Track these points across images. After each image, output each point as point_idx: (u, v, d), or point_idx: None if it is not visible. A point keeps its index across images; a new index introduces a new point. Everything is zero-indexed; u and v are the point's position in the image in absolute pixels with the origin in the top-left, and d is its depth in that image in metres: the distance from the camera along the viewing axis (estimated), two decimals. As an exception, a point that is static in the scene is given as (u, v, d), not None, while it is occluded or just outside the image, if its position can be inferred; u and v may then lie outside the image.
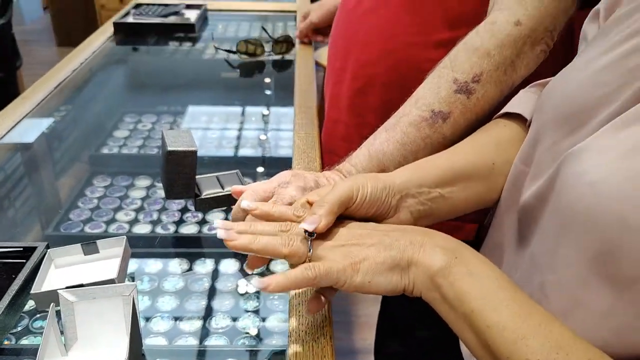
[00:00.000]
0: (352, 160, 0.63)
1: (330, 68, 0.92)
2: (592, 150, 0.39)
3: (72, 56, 1.24)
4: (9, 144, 0.93)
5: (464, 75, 0.62)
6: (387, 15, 0.78)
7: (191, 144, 0.63)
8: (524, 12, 0.62)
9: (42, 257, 0.55)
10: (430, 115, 0.63)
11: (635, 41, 0.42)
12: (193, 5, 1.50)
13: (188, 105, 1.12)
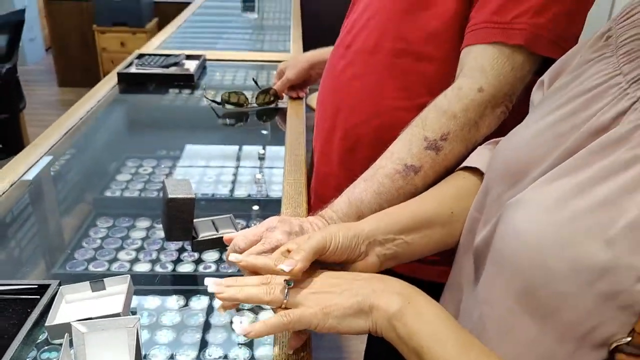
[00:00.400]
0: (334, 207, 0.70)
1: (319, 128, 1.01)
2: (523, 203, 0.47)
3: (80, 104, 1.32)
4: (20, 186, 1.00)
5: (433, 134, 0.71)
6: (372, 81, 0.87)
7: (189, 192, 0.70)
8: (485, 80, 0.71)
9: (55, 293, 0.62)
10: (403, 169, 0.71)
11: (564, 110, 0.50)
12: (193, 56, 1.60)
13: (185, 149, 1.20)
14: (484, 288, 0.51)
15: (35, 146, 1.11)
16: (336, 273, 0.55)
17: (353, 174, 0.92)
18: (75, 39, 4.54)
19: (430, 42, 0.81)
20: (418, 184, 0.72)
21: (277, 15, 2.75)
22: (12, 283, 0.64)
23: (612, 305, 0.40)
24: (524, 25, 0.70)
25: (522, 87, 0.74)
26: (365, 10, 0.90)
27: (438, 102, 0.73)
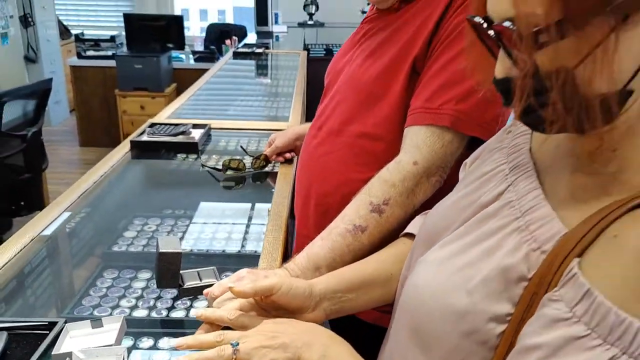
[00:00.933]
0: (296, 260, 0.84)
1: (298, 196, 1.17)
2: (423, 262, 0.60)
3: (96, 168, 1.49)
4: (39, 241, 1.15)
5: (377, 199, 0.86)
6: (338, 157, 1.04)
7: (177, 248, 0.85)
8: (420, 155, 0.86)
9: (61, 329, 0.75)
10: (353, 228, 0.85)
11: (468, 189, 0.64)
12: (199, 125, 1.78)
13: (186, 209, 1.35)
14: (393, 330, 0.64)
15: (54, 205, 1.27)
16: (279, 321, 0.67)
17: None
18: (98, 102, 4.83)
19: (382, 126, 0.97)
20: (365, 241, 0.86)
21: (287, 82, 2.95)
22: (27, 320, 0.78)
23: (472, 341, 0.53)
24: (450, 111, 0.86)
25: (454, 160, 0.89)
26: (333, 99, 1.07)
27: (381, 174, 0.89)
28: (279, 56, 3.79)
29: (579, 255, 0.46)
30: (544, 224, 0.52)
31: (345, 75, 1.07)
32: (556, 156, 0.58)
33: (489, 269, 0.53)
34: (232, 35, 4.94)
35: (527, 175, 0.58)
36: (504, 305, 0.52)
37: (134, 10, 5.97)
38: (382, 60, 0.98)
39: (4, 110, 2.49)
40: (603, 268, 0.44)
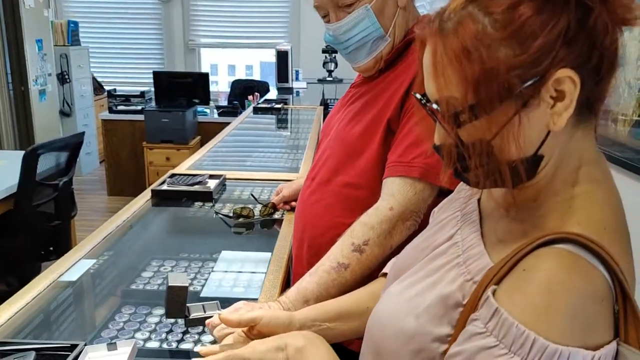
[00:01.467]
0: (287, 294, 0.96)
1: (294, 238, 1.31)
2: (386, 294, 0.72)
3: (118, 215, 1.63)
4: (65, 279, 1.28)
5: (358, 240, 0.98)
6: (327, 204, 1.18)
7: (184, 282, 0.96)
8: (395, 202, 0.99)
9: (80, 351, 0.87)
10: (337, 265, 0.97)
11: (429, 232, 0.76)
12: (215, 175, 1.93)
13: (200, 252, 1.47)
14: (362, 351, 0.75)
15: (80, 247, 1.41)
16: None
17: None
18: (127, 153, 5.07)
19: (363, 177, 1.11)
20: (348, 277, 0.98)
21: (303, 136, 3.11)
22: (51, 342, 0.90)
23: (420, 358, 0.63)
24: (420, 164, 0.99)
25: (426, 207, 1.01)
26: (324, 154, 1.22)
27: (362, 218, 1.01)
28: (297, 111, 3.98)
29: (496, 284, 0.57)
30: (477, 260, 0.63)
31: (335, 132, 1.22)
32: (493, 206, 0.70)
33: (432, 298, 0.65)
34: (255, 91, 5.19)
35: (472, 220, 0.70)
36: (445, 327, 0.63)
37: (164, 68, 6.32)
38: (363, 121, 1.14)
39: (39, 161, 2.69)
40: (513, 294, 0.56)
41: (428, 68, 0.61)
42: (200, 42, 6.45)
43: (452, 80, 0.57)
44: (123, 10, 6.37)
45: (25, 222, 2.74)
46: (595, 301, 0.53)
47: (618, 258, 0.55)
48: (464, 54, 0.56)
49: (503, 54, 0.55)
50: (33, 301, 1.17)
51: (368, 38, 1.13)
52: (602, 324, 0.54)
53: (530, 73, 0.55)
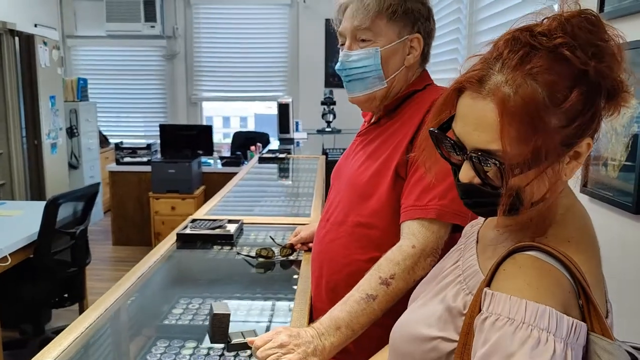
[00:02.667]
0: (321, 320, 1.10)
1: (313, 276, 1.44)
2: (407, 310, 0.87)
3: (148, 256, 1.77)
4: (103, 317, 1.40)
5: (384, 274, 1.12)
6: (342, 243, 1.33)
7: (227, 310, 1.10)
8: (416, 241, 1.14)
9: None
10: (366, 297, 1.11)
11: (441, 264, 0.92)
12: (233, 220, 2.08)
13: (225, 290, 1.59)
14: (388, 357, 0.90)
15: (118, 286, 1.54)
16: None
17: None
18: (132, 203, 5.21)
19: (374, 217, 1.26)
20: (375, 307, 1.11)
21: (307, 184, 3.27)
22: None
23: (431, 356, 0.78)
24: (435, 206, 1.14)
25: (443, 243, 1.16)
26: (336, 197, 1.39)
27: (388, 254, 1.16)
28: (300, 160, 4.16)
29: (487, 285, 0.73)
30: (473, 277, 0.81)
31: (346, 177, 1.38)
32: (489, 230, 0.87)
33: (440, 310, 0.81)
34: (256, 142, 5.39)
35: (471, 247, 0.88)
36: (451, 332, 0.79)
37: (168, 121, 6.54)
38: (372, 167, 1.30)
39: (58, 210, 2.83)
40: (500, 285, 0.72)
41: (482, 120, 0.71)
42: (202, 95, 6.71)
43: (515, 137, 0.68)
44: (129, 66, 6.66)
45: (44, 269, 2.85)
46: (563, 290, 0.69)
47: (581, 265, 0.71)
48: (531, 117, 0.68)
49: (554, 124, 0.69)
50: (75, 341, 1.28)
51: (368, 75, 1.30)
52: (574, 308, 0.69)
53: (569, 141, 0.71)
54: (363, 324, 1.11)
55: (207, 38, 6.60)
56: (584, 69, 0.69)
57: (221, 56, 6.62)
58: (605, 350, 0.68)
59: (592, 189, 1.50)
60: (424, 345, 0.80)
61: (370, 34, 1.27)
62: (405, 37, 1.29)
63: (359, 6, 1.26)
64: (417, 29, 1.30)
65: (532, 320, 0.65)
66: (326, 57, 6.38)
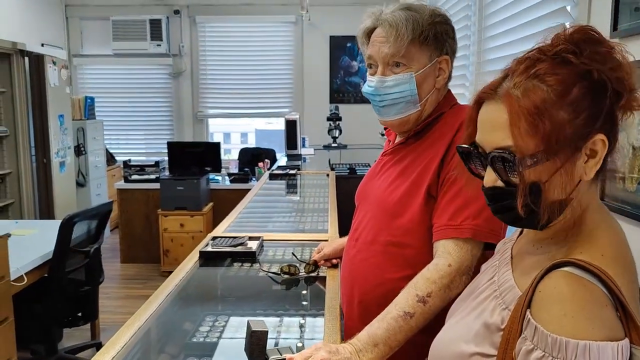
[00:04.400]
0: (358, 337, 1.10)
1: (343, 295, 1.45)
2: (444, 327, 0.88)
3: (174, 275, 1.77)
4: (139, 333, 1.40)
5: (421, 292, 1.13)
6: (373, 263, 1.34)
7: (264, 327, 1.10)
8: (452, 259, 1.15)
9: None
10: (403, 314, 1.11)
11: (474, 282, 0.93)
12: (254, 237, 2.08)
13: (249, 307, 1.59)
14: None
15: (146, 306, 1.54)
16: None
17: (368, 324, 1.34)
18: (141, 221, 5.22)
19: (407, 235, 1.28)
20: (413, 325, 1.12)
21: (318, 199, 3.28)
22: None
23: None
24: (469, 226, 1.16)
25: (476, 261, 1.16)
26: (365, 216, 1.39)
27: (424, 273, 1.16)
28: (309, 176, 4.17)
29: (528, 306, 0.74)
30: (509, 292, 0.83)
31: (373, 197, 1.39)
32: (522, 245, 0.89)
33: (478, 326, 0.83)
34: (263, 158, 5.41)
35: (505, 262, 0.89)
36: (488, 347, 0.80)
37: (174, 138, 6.58)
38: (402, 187, 1.32)
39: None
40: (539, 313, 0.73)
41: (497, 121, 0.78)
42: (208, 112, 6.75)
43: (525, 130, 0.75)
44: (136, 84, 6.71)
45: (59, 287, 2.85)
46: (600, 305, 0.70)
47: (616, 278, 0.72)
48: (538, 111, 0.74)
49: (562, 116, 0.74)
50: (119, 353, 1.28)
51: (403, 100, 1.32)
52: (614, 323, 0.70)
53: (580, 132, 0.74)
54: (400, 340, 1.11)
55: (213, 55, 6.66)
56: (587, 69, 0.75)
57: (226, 73, 6.67)
58: None
59: (610, 203, 1.51)
60: None
61: (404, 59, 1.29)
62: (435, 60, 1.31)
63: (391, 33, 1.28)
64: (445, 51, 1.32)
65: (573, 357, 0.67)
66: (331, 73, 6.44)
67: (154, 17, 6.29)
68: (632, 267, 0.79)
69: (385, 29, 1.29)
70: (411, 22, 1.27)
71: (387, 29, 1.28)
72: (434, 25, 1.29)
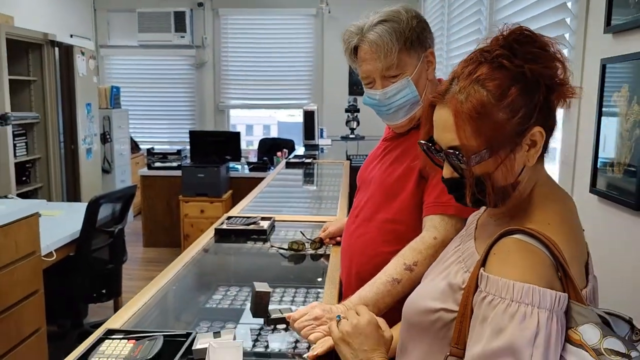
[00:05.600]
0: (350, 299, 1.23)
1: (342, 267, 1.59)
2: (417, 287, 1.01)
3: (190, 249, 1.92)
4: (154, 299, 1.54)
5: (408, 261, 1.25)
6: (370, 237, 1.47)
7: (267, 288, 1.24)
8: (437, 233, 1.27)
9: (194, 337, 1.14)
10: (392, 280, 1.24)
11: (445, 249, 1.05)
12: (266, 217, 2.22)
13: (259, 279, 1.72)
14: (400, 328, 1.04)
15: (164, 274, 1.69)
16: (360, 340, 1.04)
17: None
18: (163, 206, 5.40)
19: (400, 214, 1.40)
20: (399, 289, 1.24)
21: (332, 187, 3.40)
22: (173, 331, 1.17)
23: (435, 324, 0.93)
24: (454, 203, 1.26)
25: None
26: (365, 196, 1.52)
27: (412, 244, 1.29)
28: (324, 165, 4.30)
29: (482, 266, 0.86)
30: (470, 257, 0.95)
31: (374, 179, 1.51)
32: (485, 218, 1.03)
33: (443, 285, 0.95)
34: (282, 148, 5.55)
35: (470, 231, 1.02)
36: (452, 304, 0.92)
37: (195, 128, 6.76)
38: (398, 170, 1.44)
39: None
40: (492, 268, 0.85)
41: (446, 123, 0.89)
42: (229, 103, 6.91)
43: (470, 132, 0.86)
44: (160, 75, 6.90)
45: (85, 265, 3.03)
46: (544, 265, 0.82)
47: (559, 244, 0.84)
48: (478, 114, 0.86)
49: (501, 117, 0.86)
50: (142, 308, 1.43)
51: (407, 102, 1.43)
52: (555, 280, 0.82)
53: (518, 129, 0.86)
54: (388, 303, 1.24)
55: (234, 47, 6.82)
56: (520, 71, 0.86)
57: (247, 65, 6.82)
58: (579, 313, 0.81)
59: (601, 189, 1.60)
60: (430, 316, 0.94)
61: (398, 69, 1.40)
62: (422, 57, 1.42)
63: (380, 50, 1.37)
64: (427, 45, 1.43)
65: (519, 297, 0.79)
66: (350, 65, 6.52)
67: (178, 9, 6.46)
68: (575, 233, 0.91)
69: (373, 48, 1.38)
70: (394, 34, 1.36)
71: (375, 48, 1.38)
72: (413, 29, 1.39)
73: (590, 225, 1.07)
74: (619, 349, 0.79)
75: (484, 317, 0.82)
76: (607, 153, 1.59)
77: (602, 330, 0.80)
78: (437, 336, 0.94)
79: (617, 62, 1.55)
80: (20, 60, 4.54)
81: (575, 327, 0.81)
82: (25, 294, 2.52)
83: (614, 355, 0.78)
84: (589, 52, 1.74)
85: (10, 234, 2.38)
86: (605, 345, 0.79)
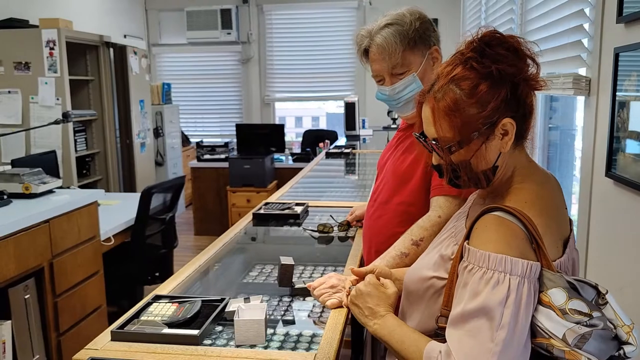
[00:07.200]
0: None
1: (363, 245, 1.74)
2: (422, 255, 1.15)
3: (230, 230, 2.11)
4: (198, 272, 1.74)
5: (415, 237, 1.39)
6: (386, 219, 1.61)
7: (291, 261, 1.40)
8: (442, 212, 1.41)
9: (227, 302, 1.32)
10: (400, 254, 1.38)
11: (452, 223, 1.18)
12: (300, 203, 2.39)
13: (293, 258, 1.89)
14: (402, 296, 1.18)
15: (206, 252, 1.88)
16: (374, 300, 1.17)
17: None
18: (212, 197, 5.67)
19: (412, 196, 1.54)
20: (407, 262, 1.38)
21: (369, 177, 3.54)
22: (209, 297, 1.36)
23: (429, 290, 1.07)
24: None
25: None
26: (382, 181, 1.67)
27: (419, 222, 1.44)
28: (364, 155, 4.43)
29: (467, 239, 1.00)
30: (460, 232, 1.08)
31: (389, 166, 1.66)
32: (476, 198, 1.16)
33: (436, 257, 1.09)
34: (325, 139, 5.71)
35: (464, 212, 1.15)
36: (443, 272, 1.06)
37: (242, 121, 7.01)
38: (409, 158, 1.58)
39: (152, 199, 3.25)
40: (473, 241, 0.98)
41: (428, 118, 1.04)
42: (274, 96, 7.13)
43: (445, 126, 1.00)
44: (208, 71, 7.19)
45: (140, 250, 3.29)
46: (517, 237, 0.95)
47: (534, 219, 0.96)
48: (451, 111, 0.99)
49: (472, 112, 0.99)
50: (183, 282, 1.63)
51: (414, 96, 1.56)
52: (528, 251, 0.94)
53: (488, 122, 0.99)
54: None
55: (279, 42, 7.02)
56: (488, 71, 0.98)
57: (292, 58, 7.01)
58: (549, 279, 0.93)
59: (615, 173, 1.68)
60: (424, 283, 1.09)
61: (404, 67, 1.54)
62: (427, 54, 1.55)
63: (385, 51, 1.51)
64: (432, 43, 1.56)
65: (494, 266, 0.92)
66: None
67: (225, 7, 6.71)
68: (550, 210, 1.03)
69: (380, 49, 1.53)
70: (398, 36, 1.50)
71: (381, 50, 1.52)
72: (416, 30, 1.52)
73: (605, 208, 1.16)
74: (582, 309, 0.91)
75: (465, 283, 0.96)
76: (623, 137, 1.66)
77: (568, 293, 0.92)
78: (430, 301, 1.08)
79: (629, 50, 1.62)
80: (79, 61, 4.87)
81: (546, 290, 0.93)
82: (87, 274, 2.80)
83: (577, 315, 0.90)
84: (605, 41, 1.80)
85: (73, 220, 2.65)
86: (570, 306, 0.91)
